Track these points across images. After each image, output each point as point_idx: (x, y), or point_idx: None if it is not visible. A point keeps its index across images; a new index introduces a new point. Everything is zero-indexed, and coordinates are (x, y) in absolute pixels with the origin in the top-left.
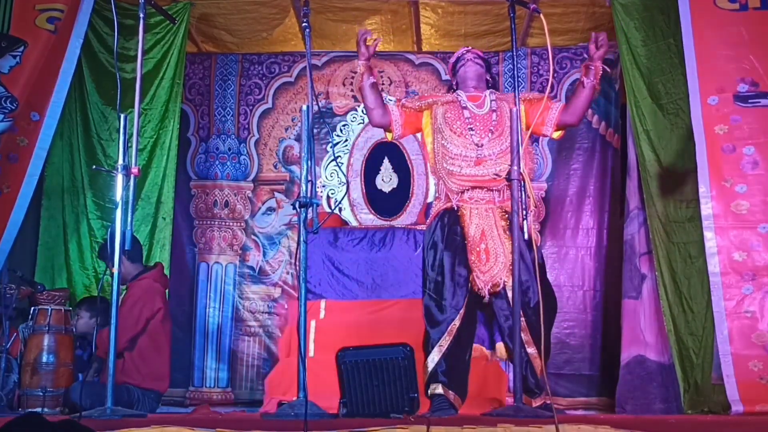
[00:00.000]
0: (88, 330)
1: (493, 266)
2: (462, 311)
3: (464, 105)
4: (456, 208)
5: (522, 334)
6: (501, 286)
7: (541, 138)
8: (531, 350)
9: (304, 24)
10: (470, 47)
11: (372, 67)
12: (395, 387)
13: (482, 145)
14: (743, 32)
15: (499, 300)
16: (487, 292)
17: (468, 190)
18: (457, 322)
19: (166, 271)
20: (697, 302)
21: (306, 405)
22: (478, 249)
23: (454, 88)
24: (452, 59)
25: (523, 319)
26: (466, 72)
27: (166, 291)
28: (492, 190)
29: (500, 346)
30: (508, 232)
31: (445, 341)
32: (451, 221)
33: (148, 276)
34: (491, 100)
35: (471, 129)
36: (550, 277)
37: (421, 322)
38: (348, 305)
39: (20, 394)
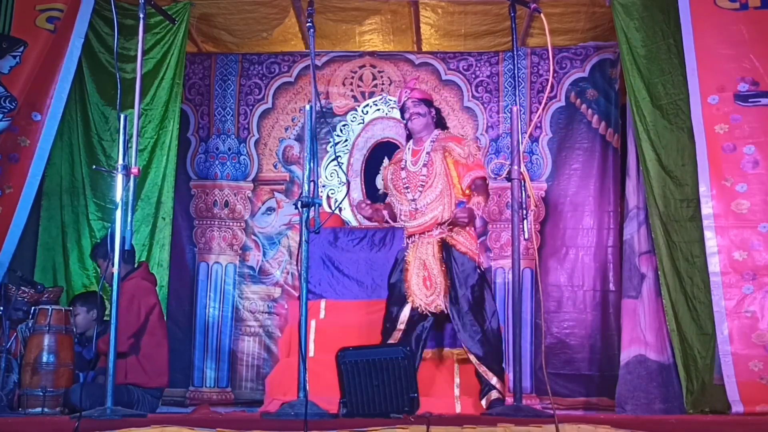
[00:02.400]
0: (88, 325)
1: (432, 294)
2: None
3: (404, 166)
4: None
5: (479, 366)
6: (441, 309)
7: (541, 138)
8: (493, 380)
9: (308, 24)
10: (413, 87)
11: (377, 209)
12: (395, 387)
13: (415, 200)
14: (743, 31)
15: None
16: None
17: (412, 236)
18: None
19: (167, 271)
20: (700, 301)
21: (306, 405)
22: (419, 277)
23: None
24: (399, 103)
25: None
26: (413, 127)
27: (156, 288)
28: (431, 231)
29: (447, 352)
30: (443, 261)
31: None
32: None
33: (136, 275)
34: (426, 152)
35: (407, 188)
36: (550, 277)
37: None
38: (348, 305)
39: (20, 394)
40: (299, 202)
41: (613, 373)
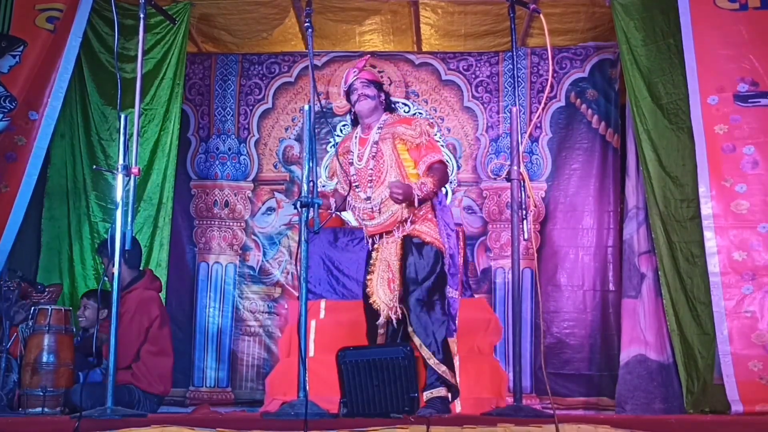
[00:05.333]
0: (95, 322)
1: (395, 297)
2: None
3: (351, 161)
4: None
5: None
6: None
7: (541, 138)
8: (442, 369)
9: (306, 24)
10: (362, 67)
11: (323, 194)
12: (395, 387)
13: (370, 198)
14: (743, 32)
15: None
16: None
17: (373, 236)
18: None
19: (166, 271)
20: (700, 302)
21: (306, 405)
22: (383, 279)
23: (352, 117)
24: (344, 84)
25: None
26: (360, 110)
27: (160, 294)
28: (392, 232)
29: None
30: (402, 259)
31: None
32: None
33: (139, 285)
34: (374, 143)
35: (357, 186)
36: (550, 277)
37: None
38: (348, 305)
39: (20, 394)
40: (298, 203)
41: (612, 372)
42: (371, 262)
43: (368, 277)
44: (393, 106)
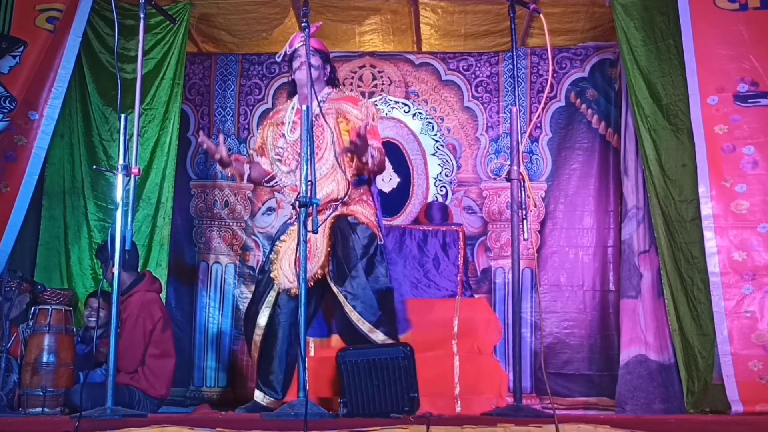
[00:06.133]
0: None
1: (311, 264)
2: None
3: (283, 132)
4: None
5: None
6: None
7: (540, 138)
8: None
9: (303, 24)
10: (312, 33)
11: (236, 159)
12: (395, 387)
13: (293, 172)
14: (743, 32)
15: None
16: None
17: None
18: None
19: (166, 271)
20: (700, 302)
21: (306, 405)
22: (291, 254)
23: (291, 84)
24: (288, 48)
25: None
26: (300, 77)
27: (161, 295)
28: (324, 212)
29: (336, 338)
30: (331, 237)
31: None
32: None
33: (140, 288)
34: (314, 115)
35: (279, 160)
36: (550, 277)
37: (420, 323)
38: None
39: (20, 394)
40: (296, 203)
41: (612, 373)
42: (281, 238)
43: (278, 245)
44: (337, 82)
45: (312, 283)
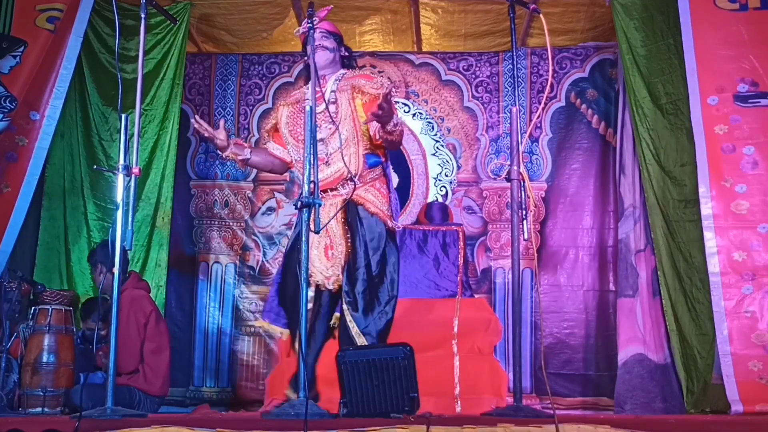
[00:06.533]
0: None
1: (333, 266)
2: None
3: (303, 107)
4: None
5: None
6: (339, 285)
7: (541, 138)
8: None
9: (308, 24)
10: (322, 17)
11: (236, 143)
12: (395, 387)
13: (324, 140)
14: (743, 32)
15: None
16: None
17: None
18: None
19: (166, 271)
20: (699, 302)
21: (306, 405)
22: (320, 245)
23: (306, 69)
24: (300, 32)
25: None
26: (318, 61)
27: (149, 293)
28: (336, 189)
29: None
30: (346, 224)
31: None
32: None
33: (127, 287)
34: (330, 91)
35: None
36: (550, 277)
37: (420, 322)
38: None
39: (20, 394)
40: (298, 203)
41: (612, 372)
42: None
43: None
44: (354, 64)
45: (336, 287)
